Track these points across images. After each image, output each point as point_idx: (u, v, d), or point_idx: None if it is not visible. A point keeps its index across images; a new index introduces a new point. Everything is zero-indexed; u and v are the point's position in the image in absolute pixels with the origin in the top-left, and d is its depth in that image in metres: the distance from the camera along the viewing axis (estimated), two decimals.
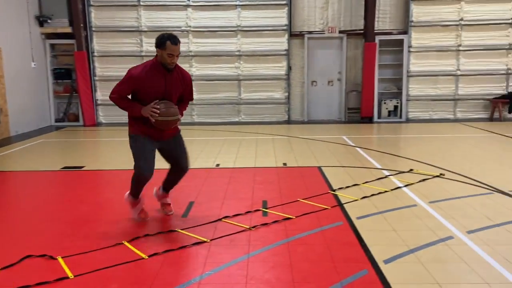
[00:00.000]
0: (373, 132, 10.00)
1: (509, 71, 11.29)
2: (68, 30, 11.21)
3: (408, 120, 11.52)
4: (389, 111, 11.61)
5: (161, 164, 4.04)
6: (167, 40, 3.54)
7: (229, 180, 5.53)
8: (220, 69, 11.61)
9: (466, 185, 5.09)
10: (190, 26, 11.51)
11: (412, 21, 11.22)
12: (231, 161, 6.78)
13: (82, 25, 11.18)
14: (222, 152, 7.53)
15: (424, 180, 5.34)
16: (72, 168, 6.48)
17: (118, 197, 5.03)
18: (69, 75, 11.79)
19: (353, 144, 8.03)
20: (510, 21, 11.05)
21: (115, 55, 11.57)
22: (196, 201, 4.64)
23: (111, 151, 8.06)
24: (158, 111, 3.55)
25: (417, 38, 11.28)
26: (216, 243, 3.54)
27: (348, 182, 5.28)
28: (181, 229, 3.82)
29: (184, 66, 11.56)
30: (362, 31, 11.34)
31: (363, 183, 5.23)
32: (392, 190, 4.95)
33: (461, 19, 11.15)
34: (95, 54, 11.63)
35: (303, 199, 4.61)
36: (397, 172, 5.79)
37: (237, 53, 11.58)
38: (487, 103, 11.45)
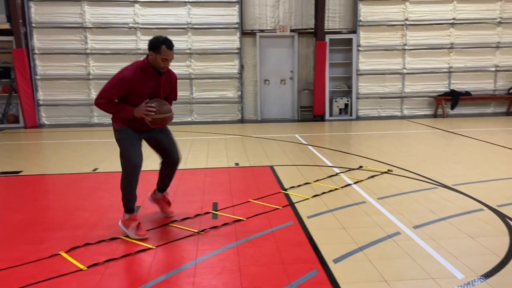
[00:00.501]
0: (325, 130, 10.14)
1: (451, 69, 11.85)
2: (6, 26, 10.48)
3: (358, 118, 11.79)
4: (340, 109, 11.83)
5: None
6: (162, 44, 3.44)
7: (179, 182, 5.35)
8: (171, 68, 11.28)
9: (412, 181, 5.23)
10: (138, 23, 11.13)
11: (360, 21, 11.49)
12: (182, 162, 6.57)
13: (21, 21, 10.48)
14: None
15: (372, 176, 5.44)
16: (8, 174, 6.01)
17: (58, 204, 4.71)
18: (8, 74, 11.04)
19: (305, 142, 8.07)
20: (451, 21, 11.60)
21: (58, 53, 10.94)
22: (143, 205, 4.43)
23: (53, 154, 7.59)
24: (154, 110, 3.47)
25: (365, 38, 11.56)
26: (163, 249, 3.37)
27: (300, 181, 5.26)
28: (125, 236, 3.61)
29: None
30: (313, 30, 11.47)
31: (314, 181, 5.24)
32: (342, 187, 4.98)
33: (406, 19, 11.56)
34: (36, 51, 10.95)
35: (254, 200, 4.53)
36: (347, 169, 5.86)
37: (188, 51, 11.34)
38: (432, 100, 11.96)
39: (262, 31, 11.49)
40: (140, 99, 3.50)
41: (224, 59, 11.45)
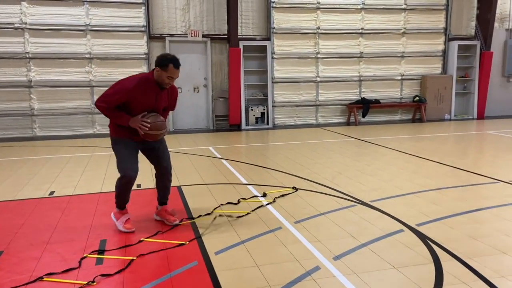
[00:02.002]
0: (241, 140, 9.65)
1: (361, 78, 12.12)
2: None
3: (275, 126, 11.53)
4: (257, 118, 11.47)
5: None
6: (170, 63, 3.54)
7: (63, 213, 4.42)
8: (68, 74, 10.04)
9: (330, 198, 4.88)
10: (25, 23, 9.71)
11: (273, 28, 11.26)
12: (72, 185, 5.60)
13: None
14: (62, 174, 6.25)
15: (287, 194, 5.00)
16: None
17: None
18: None
19: (220, 156, 7.48)
20: (360, 31, 11.86)
21: None
22: (7, 251, 3.47)
23: None
24: (148, 125, 3.57)
25: (279, 45, 11.35)
26: None
27: (210, 204, 4.64)
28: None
29: (21, 70, 9.77)
30: (226, 36, 10.97)
31: (226, 204, 4.66)
32: (257, 208, 4.46)
33: (318, 28, 11.58)
34: None
35: (149, 238, 3.80)
36: (262, 185, 5.38)
37: (87, 55, 10.16)
38: (344, 108, 12.12)
39: (172, 35, 10.72)
40: (140, 109, 3.62)
41: (130, 65, 10.46)
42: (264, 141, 9.44)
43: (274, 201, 4.76)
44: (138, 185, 5.56)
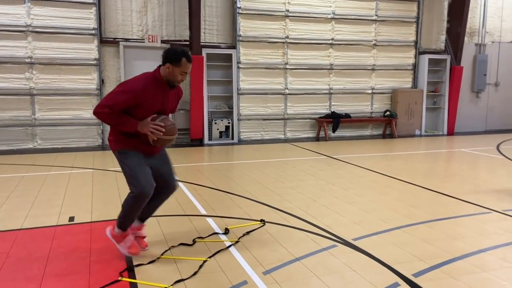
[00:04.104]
0: (202, 158, 8.72)
1: (331, 91, 11.53)
2: None
3: (240, 141, 10.68)
4: (221, 132, 10.59)
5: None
6: (182, 57, 3.23)
7: None
8: (4, 81, 8.80)
9: (305, 235, 4.06)
10: None
11: (239, 35, 10.48)
12: None
13: None
14: None
15: (254, 229, 4.14)
16: None
17: None
18: None
19: (176, 178, 6.52)
20: (330, 41, 11.29)
21: None
22: None
23: None
24: (163, 129, 3.20)
25: (245, 54, 10.57)
26: None
27: (159, 247, 3.71)
28: None
29: None
30: (187, 42, 10.08)
31: (178, 245, 3.74)
32: (215, 254, 3.57)
33: (287, 37, 10.91)
34: None
35: None
36: (225, 217, 4.50)
37: (28, 60, 8.97)
38: (314, 122, 11.47)
39: (127, 40, 9.70)
40: (147, 114, 3.25)
41: (78, 71, 9.35)
42: (229, 158, 8.56)
43: (238, 241, 3.88)
44: (71, 218, 4.54)
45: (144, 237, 3.67)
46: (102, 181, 6.28)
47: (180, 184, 6.13)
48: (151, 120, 3.22)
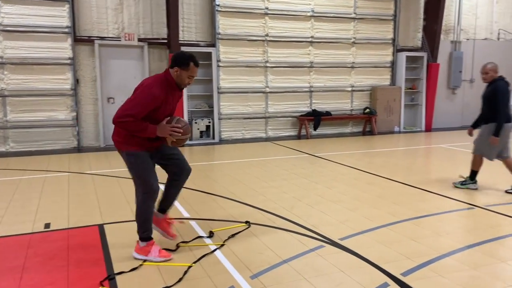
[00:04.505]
0: None
1: (312, 89, 11.51)
2: None
3: (221, 141, 10.55)
4: (201, 132, 10.43)
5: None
6: (190, 61, 3.38)
7: None
8: None
9: (291, 236, 3.99)
10: None
11: (219, 34, 10.33)
12: None
13: None
14: None
15: (240, 232, 4.05)
16: None
17: None
18: None
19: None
20: (310, 39, 11.27)
21: None
22: None
23: None
24: (181, 131, 3.38)
25: (225, 52, 10.44)
26: None
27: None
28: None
29: None
30: (165, 41, 9.87)
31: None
32: (200, 259, 3.46)
33: (267, 35, 10.83)
34: None
35: None
36: (208, 219, 4.39)
37: None
38: (295, 120, 11.43)
39: (102, 38, 9.41)
40: (162, 115, 3.40)
41: (51, 71, 9.02)
42: (210, 158, 8.42)
43: (223, 244, 3.78)
44: (47, 225, 4.34)
45: (171, 223, 3.82)
46: (79, 185, 6.06)
47: (161, 186, 5.95)
48: (166, 123, 3.36)
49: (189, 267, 3.31)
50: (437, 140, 10.66)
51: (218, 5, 10.23)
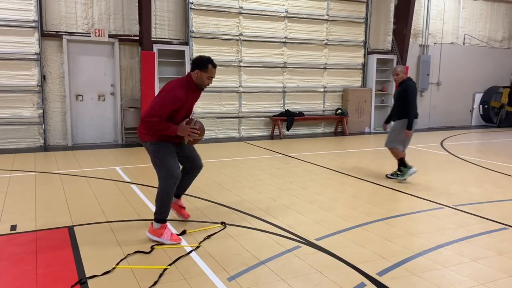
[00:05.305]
0: None
1: (285, 89, 11.57)
2: None
3: None
4: None
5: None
6: (208, 63, 3.72)
7: None
8: None
9: (267, 237, 3.97)
10: None
11: (192, 32, 10.20)
12: None
13: None
14: None
15: (215, 233, 4.00)
16: None
17: None
18: None
19: (129, 180, 6.21)
20: (283, 40, 11.32)
21: None
22: None
23: None
24: (198, 132, 3.76)
25: (198, 51, 10.32)
26: None
27: (112, 254, 3.45)
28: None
29: None
30: (137, 38, 9.66)
31: (133, 253, 3.51)
32: (176, 261, 3.38)
33: (241, 34, 10.79)
34: None
35: None
36: (183, 220, 4.31)
37: None
38: (268, 120, 11.45)
39: (70, 33, 9.11)
40: (182, 116, 3.76)
41: (16, 66, 8.66)
42: None
43: (199, 246, 3.72)
44: (13, 227, 4.14)
45: (184, 207, 4.34)
46: (46, 185, 5.83)
47: (133, 186, 5.83)
48: (186, 124, 3.74)
49: (165, 269, 3.23)
50: None
51: (192, 3, 10.10)
